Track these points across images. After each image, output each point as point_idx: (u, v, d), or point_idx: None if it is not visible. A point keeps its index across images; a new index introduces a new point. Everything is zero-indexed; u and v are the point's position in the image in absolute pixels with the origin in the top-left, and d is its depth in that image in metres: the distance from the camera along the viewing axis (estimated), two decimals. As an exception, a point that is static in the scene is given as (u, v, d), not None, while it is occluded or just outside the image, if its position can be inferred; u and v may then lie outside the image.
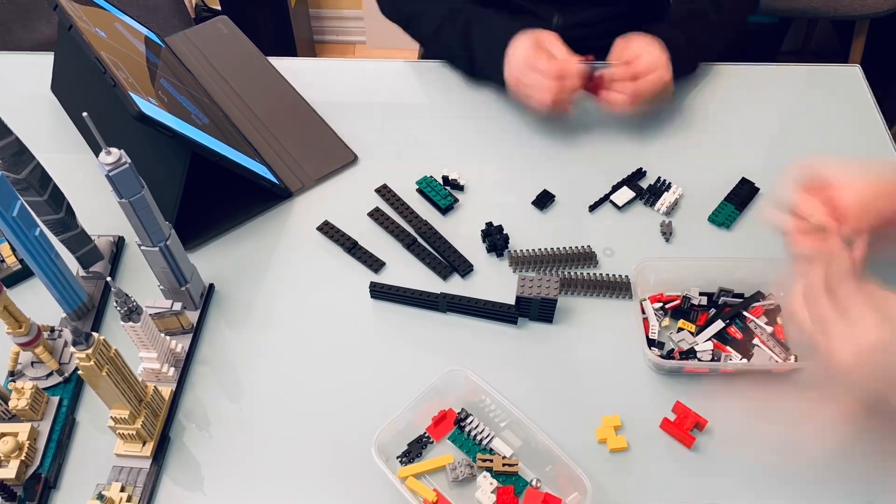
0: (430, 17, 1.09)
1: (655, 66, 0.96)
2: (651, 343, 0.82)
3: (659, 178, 0.98)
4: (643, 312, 0.84)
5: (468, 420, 0.77)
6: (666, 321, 0.84)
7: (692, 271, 0.86)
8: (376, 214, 0.95)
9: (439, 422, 0.78)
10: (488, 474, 0.73)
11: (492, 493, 0.72)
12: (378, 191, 0.98)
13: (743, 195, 0.96)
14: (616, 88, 0.98)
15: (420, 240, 0.93)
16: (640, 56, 0.97)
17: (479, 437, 0.76)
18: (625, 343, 0.84)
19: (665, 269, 0.86)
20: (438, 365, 0.81)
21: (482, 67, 1.06)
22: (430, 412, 0.78)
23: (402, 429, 0.76)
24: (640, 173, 0.99)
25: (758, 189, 0.97)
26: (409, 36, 1.16)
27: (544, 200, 0.96)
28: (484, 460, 0.74)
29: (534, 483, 0.73)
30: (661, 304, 0.85)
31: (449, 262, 0.90)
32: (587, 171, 1.00)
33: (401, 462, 0.75)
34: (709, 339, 0.83)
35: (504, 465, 0.74)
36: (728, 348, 0.82)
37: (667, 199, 0.95)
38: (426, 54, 1.34)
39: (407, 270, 0.91)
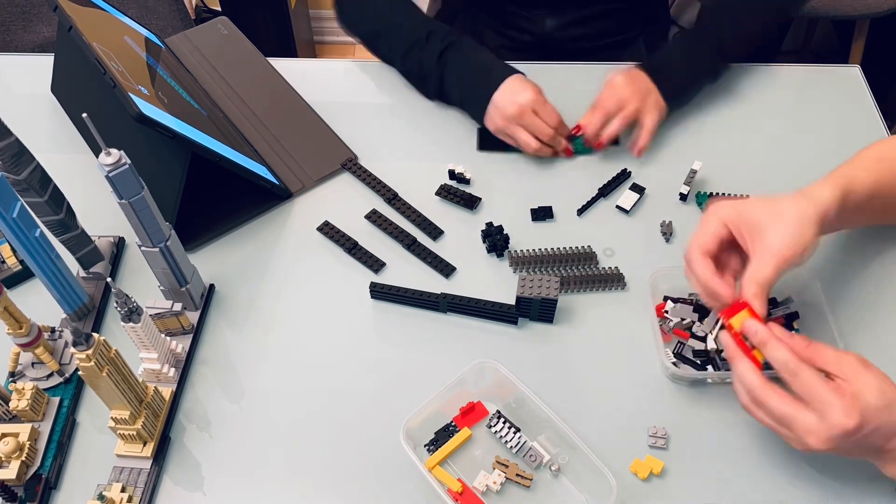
0: (400, 36, 1.05)
1: (620, 104, 0.97)
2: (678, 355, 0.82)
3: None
4: (660, 319, 0.83)
5: (497, 425, 0.77)
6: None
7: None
8: (374, 216, 0.96)
9: (467, 413, 0.78)
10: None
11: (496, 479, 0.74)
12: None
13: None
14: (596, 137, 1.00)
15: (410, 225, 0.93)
16: (606, 99, 0.98)
17: (508, 443, 0.76)
18: (626, 343, 0.84)
19: (679, 276, 0.83)
20: (439, 365, 0.81)
21: (459, 100, 1.04)
22: (458, 402, 0.78)
23: (428, 417, 0.76)
24: (624, 174, 0.99)
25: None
26: (369, 50, 1.11)
27: (542, 214, 0.96)
28: (500, 463, 0.75)
29: (552, 468, 0.74)
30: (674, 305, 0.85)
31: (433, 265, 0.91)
32: (586, 171, 1.00)
33: (428, 451, 0.76)
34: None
35: (517, 475, 0.74)
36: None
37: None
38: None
39: (407, 270, 0.91)
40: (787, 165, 1.01)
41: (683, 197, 0.96)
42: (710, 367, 0.80)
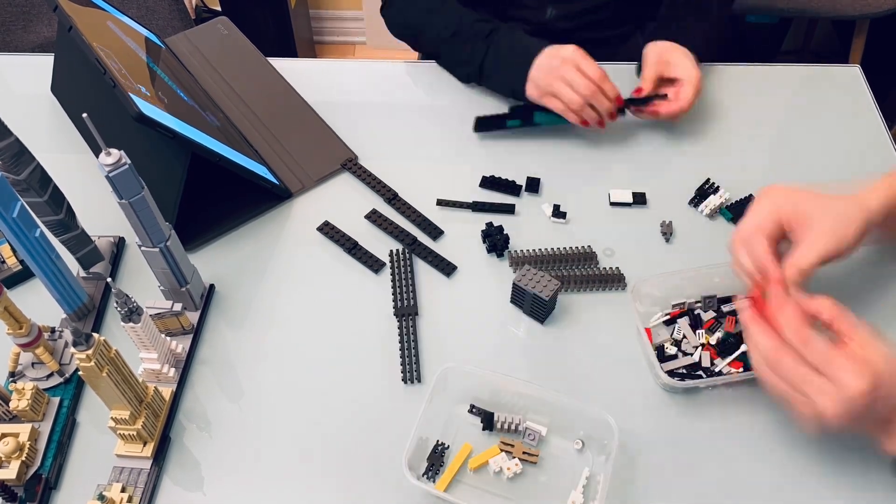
0: (443, 26, 1.07)
1: (693, 84, 0.98)
2: (662, 356, 0.82)
3: (708, 179, 0.98)
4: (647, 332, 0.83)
5: (497, 419, 0.77)
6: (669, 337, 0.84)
7: (690, 282, 0.85)
8: (374, 216, 0.96)
9: None
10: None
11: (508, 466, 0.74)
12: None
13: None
14: (661, 109, 1.00)
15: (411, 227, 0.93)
16: (681, 80, 0.99)
17: (511, 427, 0.77)
18: (625, 343, 0.84)
19: (662, 283, 0.85)
20: (438, 365, 0.81)
21: (497, 77, 1.05)
22: (436, 418, 0.77)
23: (417, 445, 0.75)
24: (658, 96, 1.00)
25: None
26: (417, 50, 1.14)
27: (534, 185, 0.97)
28: (506, 443, 0.75)
29: (577, 445, 0.75)
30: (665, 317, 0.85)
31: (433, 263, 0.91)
32: (585, 170, 1.00)
33: (428, 479, 0.75)
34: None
35: (524, 453, 0.75)
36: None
37: (712, 202, 0.95)
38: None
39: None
40: (787, 165, 1.01)
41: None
42: (701, 374, 0.80)
